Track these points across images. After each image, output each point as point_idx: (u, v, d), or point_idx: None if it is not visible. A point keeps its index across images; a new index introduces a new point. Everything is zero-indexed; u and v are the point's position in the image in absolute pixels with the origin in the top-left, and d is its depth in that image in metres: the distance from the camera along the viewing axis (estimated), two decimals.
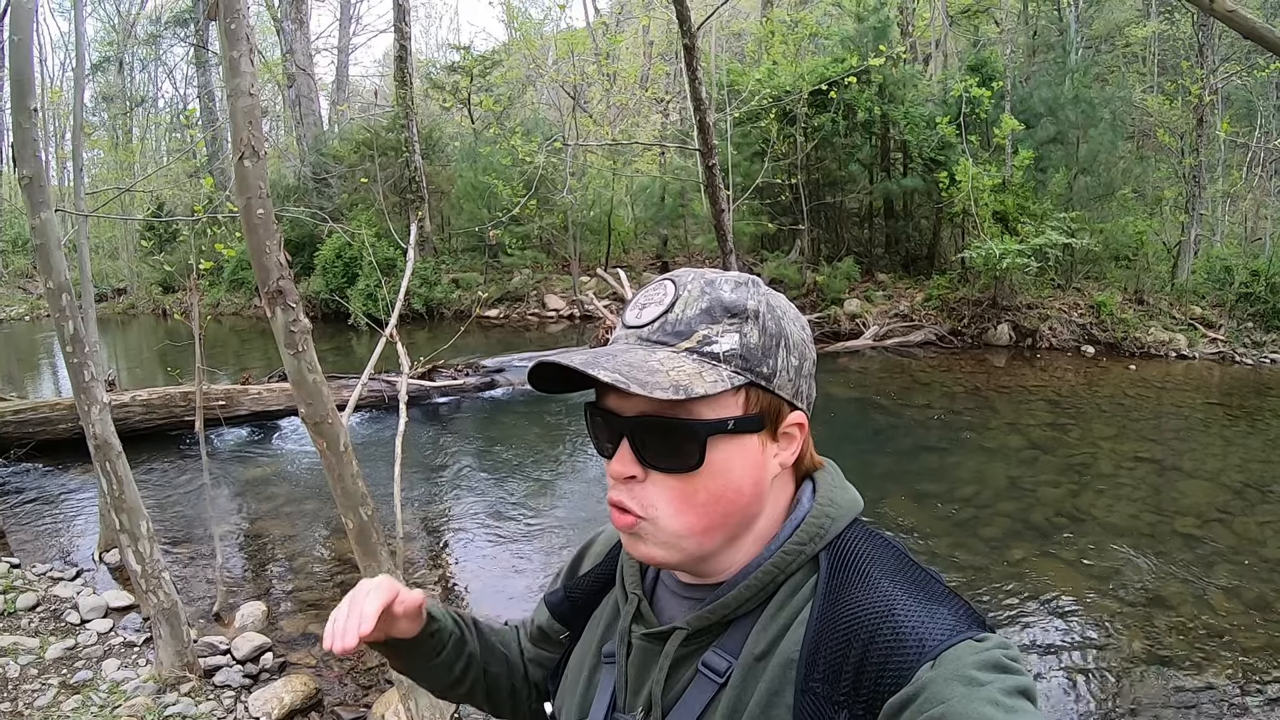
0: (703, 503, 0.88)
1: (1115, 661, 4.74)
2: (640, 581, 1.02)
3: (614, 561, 1.10)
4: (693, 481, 0.87)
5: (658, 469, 0.88)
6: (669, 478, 0.87)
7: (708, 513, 0.88)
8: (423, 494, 7.81)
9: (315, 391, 3.00)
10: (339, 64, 31.04)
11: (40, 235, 4.05)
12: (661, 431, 0.86)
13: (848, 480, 0.99)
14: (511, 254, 20.93)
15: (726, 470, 0.88)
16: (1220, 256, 15.82)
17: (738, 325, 0.88)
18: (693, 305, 0.89)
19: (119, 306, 25.94)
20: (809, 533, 0.91)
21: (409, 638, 1.07)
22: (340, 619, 0.96)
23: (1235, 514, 6.96)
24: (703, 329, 0.88)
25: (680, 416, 0.85)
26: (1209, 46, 16.04)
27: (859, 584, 0.86)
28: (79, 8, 7.08)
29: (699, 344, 0.87)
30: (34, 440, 8.60)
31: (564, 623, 1.14)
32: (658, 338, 0.89)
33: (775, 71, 16.76)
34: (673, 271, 0.94)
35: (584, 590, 1.13)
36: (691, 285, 0.91)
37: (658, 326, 0.89)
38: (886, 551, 0.91)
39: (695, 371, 0.85)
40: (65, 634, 4.99)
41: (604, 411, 0.91)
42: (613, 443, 0.90)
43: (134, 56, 33.07)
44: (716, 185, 5.41)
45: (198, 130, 24.37)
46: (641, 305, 0.92)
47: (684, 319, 0.88)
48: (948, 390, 11.96)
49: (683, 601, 0.98)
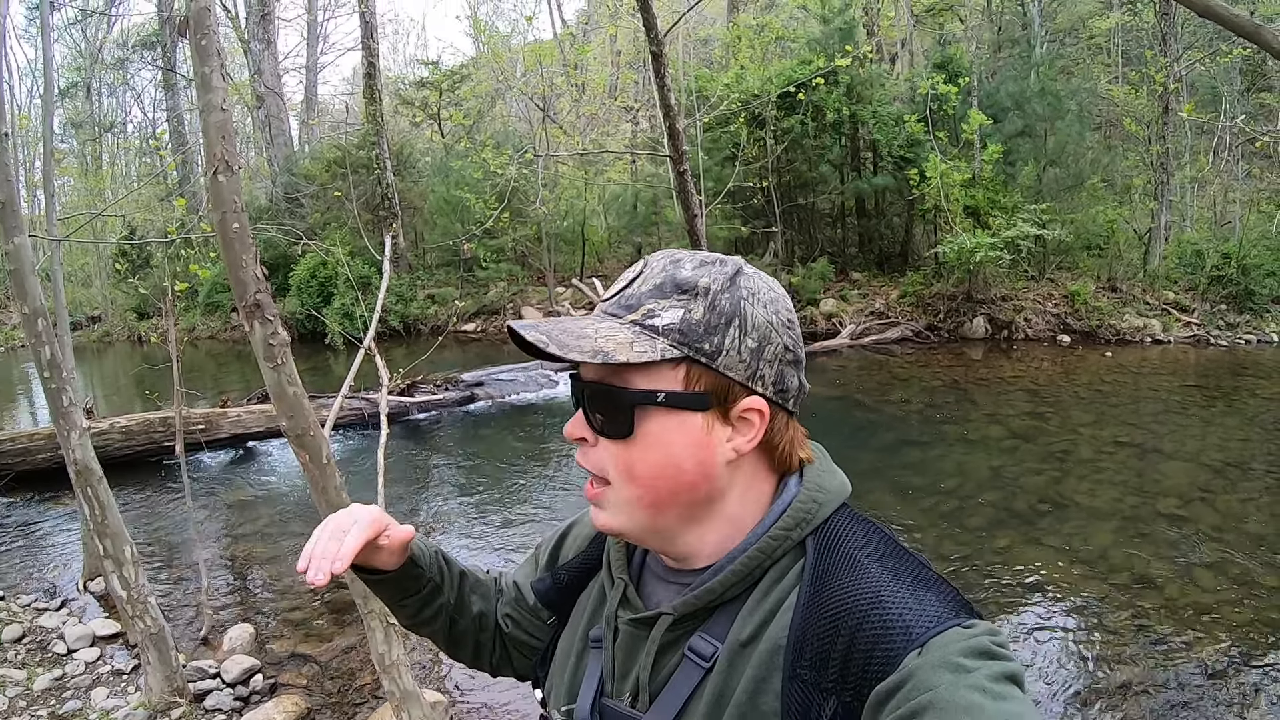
0: (642, 474, 0.89)
1: (1105, 643, 4.78)
2: (626, 566, 1.02)
3: (600, 546, 1.10)
4: (630, 451, 0.89)
5: (601, 434, 0.91)
6: (612, 444, 0.90)
7: (651, 486, 0.89)
8: (407, 508, 7.77)
9: (296, 404, 2.99)
10: (308, 83, 30.89)
11: (14, 260, 4.02)
12: (600, 397, 0.90)
13: None
14: (486, 267, 20.88)
15: (663, 445, 0.88)
16: (1191, 241, 16.04)
17: (685, 301, 0.88)
18: (649, 281, 0.91)
19: (94, 334, 25.64)
20: (795, 518, 0.91)
21: (386, 570, 1.08)
22: (320, 545, 0.94)
23: (1217, 492, 7.05)
24: (650, 303, 0.89)
25: (613, 384, 0.88)
26: (1172, 35, 16.28)
27: (846, 569, 0.85)
28: (46, 32, 7.02)
29: (643, 317, 0.88)
30: (13, 471, 8.49)
31: (551, 608, 1.15)
32: (612, 310, 0.91)
33: (743, 76, 16.87)
34: (665, 250, 0.96)
35: (571, 575, 1.14)
36: (656, 263, 0.93)
37: (615, 300, 0.92)
38: (874, 536, 0.91)
39: (626, 341, 0.86)
40: (53, 664, 4.94)
41: (574, 377, 0.95)
42: (576, 406, 0.94)
43: (101, 82, 32.85)
44: (688, 191, 5.41)
45: (167, 153, 24.18)
46: (618, 281, 0.95)
47: (637, 294, 0.90)
48: (926, 385, 12.04)
49: (669, 587, 0.97)
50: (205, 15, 2.85)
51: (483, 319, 20.56)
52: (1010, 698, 0.70)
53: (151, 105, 36.54)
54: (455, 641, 1.22)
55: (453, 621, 1.18)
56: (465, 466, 9.28)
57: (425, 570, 1.12)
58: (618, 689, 0.96)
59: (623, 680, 0.96)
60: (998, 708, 0.68)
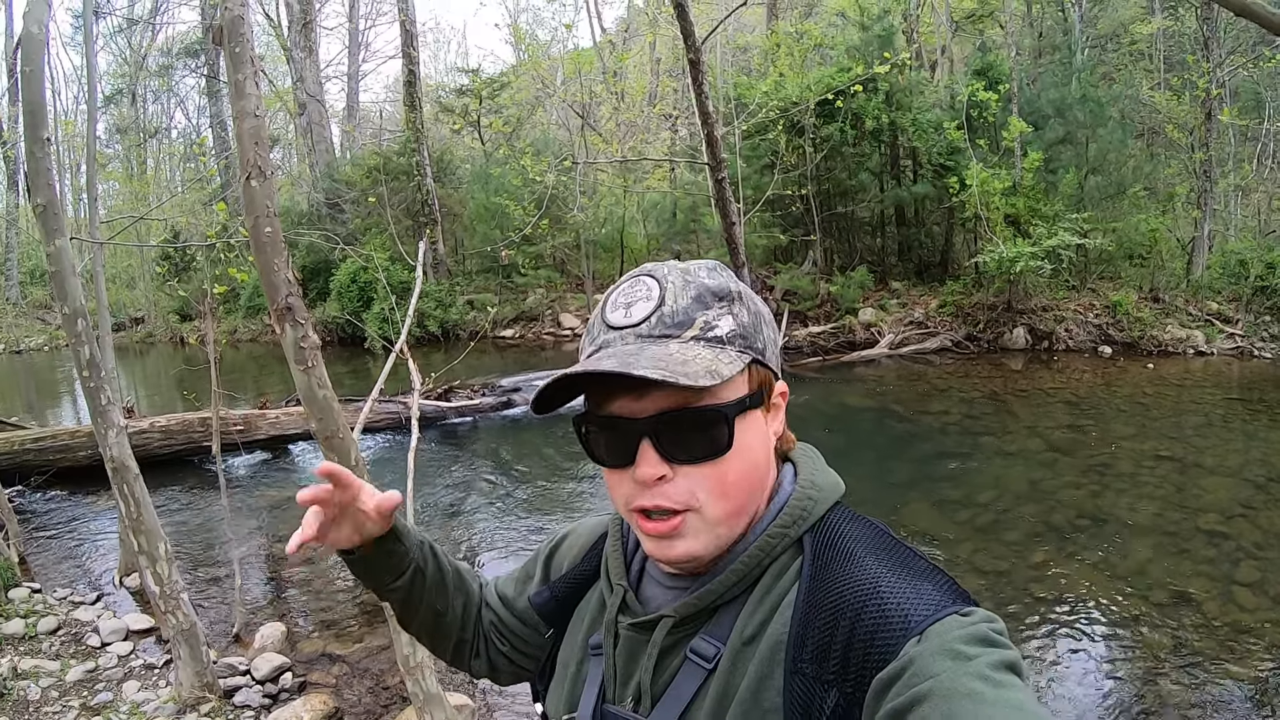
0: (734, 483, 0.88)
1: (1141, 660, 4.69)
2: (625, 573, 1.03)
3: (597, 557, 1.11)
4: (722, 465, 0.87)
5: (688, 462, 0.87)
6: (700, 467, 0.87)
7: (739, 493, 0.89)
8: (442, 512, 7.83)
9: (326, 407, 3.01)
10: (349, 90, 31.41)
11: (55, 262, 4.10)
12: (691, 422, 0.86)
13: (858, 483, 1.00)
14: (525, 274, 21.01)
15: (748, 449, 0.90)
16: (1235, 250, 15.68)
17: (728, 307, 0.90)
18: (682, 295, 0.90)
19: (137, 335, 26.19)
20: (793, 515, 0.92)
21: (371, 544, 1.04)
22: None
23: (1259, 509, 6.88)
24: (700, 315, 0.89)
25: (708, 404, 0.86)
26: (1214, 40, 15.99)
27: (843, 563, 0.86)
28: (89, 41, 7.18)
29: (702, 330, 0.88)
30: (54, 468, 8.68)
31: (550, 621, 1.14)
32: (660, 332, 0.88)
33: (782, 83, 16.78)
34: (637, 270, 0.95)
35: (568, 587, 1.13)
36: (673, 277, 0.92)
37: (656, 321, 0.89)
38: (869, 531, 0.92)
39: (713, 356, 0.86)
40: (86, 657, 5.02)
41: (610, 419, 0.89)
42: (628, 448, 0.88)
43: (146, 89, 33.52)
44: (727, 199, 5.40)
45: (210, 158, 24.64)
46: (626, 304, 0.92)
47: (679, 309, 0.89)
48: (965, 396, 11.90)
49: (668, 590, 0.98)
50: (239, 23, 2.89)
51: (521, 325, 20.70)
52: (1011, 686, 0.70)
53: (196, 111, 37.32)
54: (439, 636, 1.21)
55: (438, 614, 1.17)
56: (500, 471, 9.31)
57: (408, 549, 1.09)
58: (619, 694, 0.96)
59: (624, 686, 0.96)
60: (999, 695, 0.68)
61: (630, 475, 0.89)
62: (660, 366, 0.82)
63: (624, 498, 0.91)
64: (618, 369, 0.82)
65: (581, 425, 0.93)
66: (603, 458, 0.92)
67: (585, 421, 0.92)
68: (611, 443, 0.90)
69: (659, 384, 0.82)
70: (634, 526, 0.92)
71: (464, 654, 1.23)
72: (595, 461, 0.93)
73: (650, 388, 0.84)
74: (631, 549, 1.06)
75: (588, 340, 0.94)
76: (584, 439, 0.93)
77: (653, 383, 0.82)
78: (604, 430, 0.90)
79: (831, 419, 11.03)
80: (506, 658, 1.20)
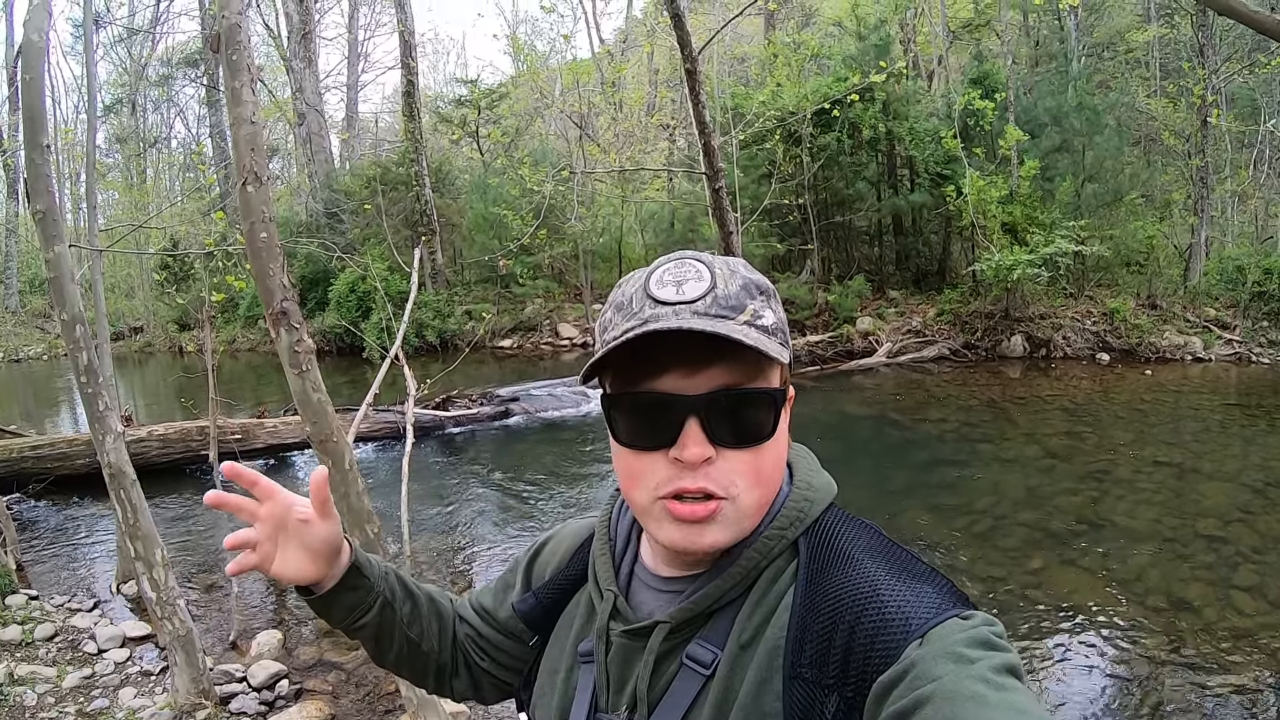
0: (768, 474, 0.88)
1: (1139, 665, 4.68)
2: (614, 578, 1.00)
3: (583, 561, 1.08)
4: (761, 454, 0.86)
5: (732, 445, 0.85)
6: (740, 453, 0.85)
7: (771, 485, 0.89)
8: (440, 522, 7.81)
9: (320, 410, 3.02)
10: (348, 101, 31.47)
11: (54, 268, 4.11)
12: (744, 403, 0.85)
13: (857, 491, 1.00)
14: (523, 284, 21.03)
15: (781, 440, 0.90)
16: (1232, 256, 15.72)
17: (767, 301, 0.89)
18: (731, 282, 0.87)
19: (136, 344, 26.13)
20: (789, 518, 0.91)
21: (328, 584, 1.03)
22: None
23: (1257, 513, 6.89)
24: (750, 304, 0.87)
25: (761, 386, 0.86)
26: (1210, 47, 16.09)
27: (841, 566, 0.85)
28: (90, 50, 7.21)
29: (752, 318, 0.86)
30: (52, 476, 8.67)
31: (535, 628, 1.12)
32: (716, 311, 0.84)
33: (779, 93, 16.83)
34: (675, 254, 0.92)
35: (554, 593, 1.10)
36: (718, 264, 0.89)
37: (711, 301, 0.85)
38: (865, 533, 0.91)
39: (768, 343, 0.84)
40: (83, 663, 5.02)
41: (656, 396, 0.86)
42: (671, 428, 0.84)
43: (146, 98, 33.58)
44: (724, 208, 5.41)
45: (209, 167, 24.69)
46: (676, 281, 0.87)
47: (731, 294, 0.86)
48: (963, 404, 11.90)
49: (660, 595, 0.96)
50: (236, 30, 2.91)
51: (519, 335, 20.71)
52: (1013, 689, 0.69)
53: (195, 121, 37.37)
54: (417, 665, 1.18)
55: (413, 643, 1.14)
56: (498, 480, 9.30)
57: (372, 581, 1.07)
58: (614, 703, 0.94)
59: (618, 694, 0.94)
60: (1001, 698, 0.68)
61: (665, 458, 0.85)
62: (741, 336, 0.81)
63: (656, 481, 0.86)
64: (710, 329, 0.80)
65: (616, 403, 0.89)
66: (638, 439, 0.87)
67: (621, 399, 0.89)
68: (654, 421, 0.86)
69: (714, 361, 0.82)
70: (653, 517, 0.88)
71: (444, 678, 1.20)
72: (623, 444, 0.89)
73: (705, 365, 0.83)
74: (620, 553, 1.03)
75: (622, 317, 0.88)
76: (617, 418, 0.89)
77: (710, 359, 0.82)
78: (647, 409, 0.86)
79: (830, 427, 11.03)
80: (487, 672, 1.17)
